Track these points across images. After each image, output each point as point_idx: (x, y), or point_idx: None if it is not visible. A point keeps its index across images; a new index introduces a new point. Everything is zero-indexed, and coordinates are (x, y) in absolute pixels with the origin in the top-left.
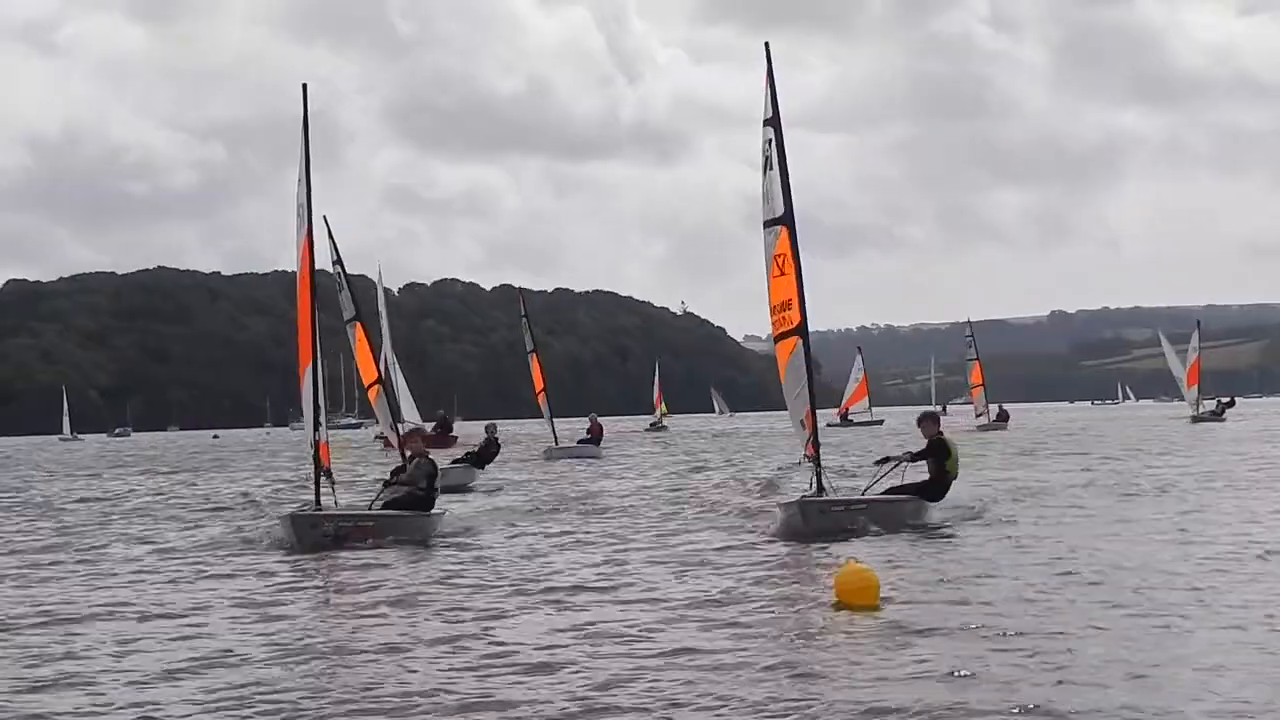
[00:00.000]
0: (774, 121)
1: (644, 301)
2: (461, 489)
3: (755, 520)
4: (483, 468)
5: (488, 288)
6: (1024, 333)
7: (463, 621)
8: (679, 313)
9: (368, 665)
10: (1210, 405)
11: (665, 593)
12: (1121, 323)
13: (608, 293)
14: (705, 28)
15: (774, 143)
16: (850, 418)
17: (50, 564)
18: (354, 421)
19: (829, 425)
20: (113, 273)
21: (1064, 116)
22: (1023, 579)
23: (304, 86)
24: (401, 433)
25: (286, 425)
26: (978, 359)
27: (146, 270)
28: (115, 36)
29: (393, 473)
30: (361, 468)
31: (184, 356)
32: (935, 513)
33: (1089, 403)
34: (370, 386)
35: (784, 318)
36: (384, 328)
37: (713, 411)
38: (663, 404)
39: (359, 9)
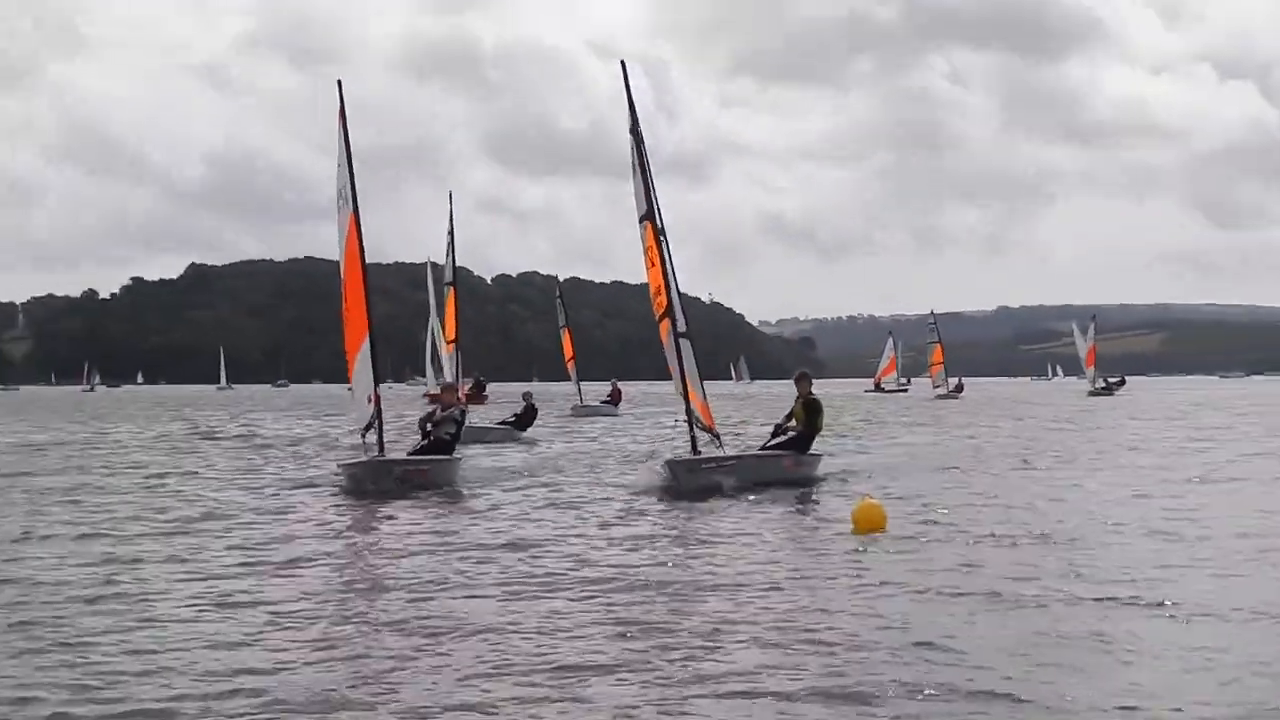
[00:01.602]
0: (635, 131)
1: (681, 293)
2: (502, 446)
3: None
4: (524, 430)
5: (560, 278)
6: (976, 323)
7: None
8: (708, 302)
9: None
10: (1101, 383)
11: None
12: (1052, 317)
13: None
14: (729, 80)
15: (635, 149)
16: (883, 386)
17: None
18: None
19: (865, 391)
20: (272, 260)
21: (1007, 152)
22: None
23: (339, 83)
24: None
25: (404, 381)
26: (939, 342)
27: (297, 259)
28: (276, 76)
29: (422, 420)
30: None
31: (324, 328)
32: (818, 467)
33: (1028, 379)
34: (450, 343)
35: (658, 302)
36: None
37: (731, 379)
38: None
39: (462, 60)
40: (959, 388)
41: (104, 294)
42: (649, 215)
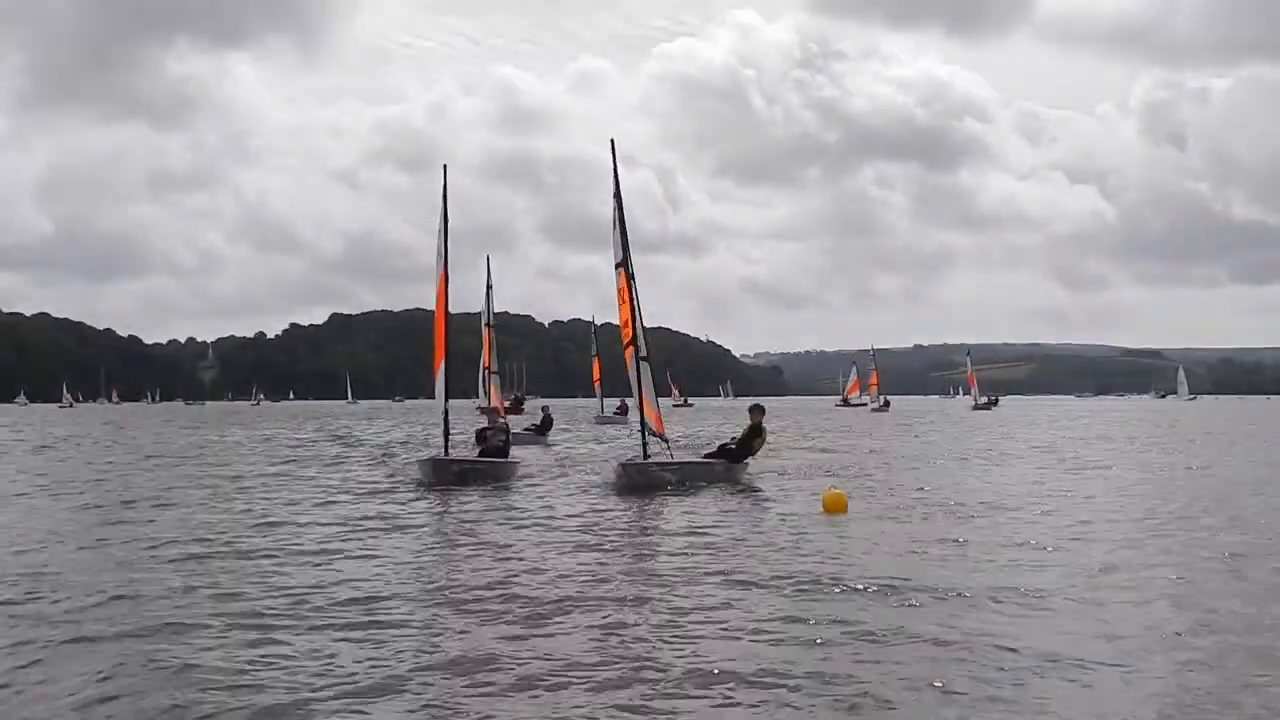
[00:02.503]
0: (616, 195)
1: (684, 333)
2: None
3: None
4: (544, 434)
5: (599, 323)
6: (898, 356)
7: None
8: (704, 341)
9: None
10: (983, 400)
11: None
12: (953, 352)
13: (664, 328)
14: (716, 181)
15: (616, 210)
16: (849, 402)
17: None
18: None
19: (835, 406)
20: (390, 310)
21: (918, 235)
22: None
23: (444, 167)
24: (490, 405)
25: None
26: (876, 369)
27: (409, 309)
28: (391, 178)
29: (477, 432)
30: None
31: (429, 359)
32: (743, 473)
33: (936, 397)
34: (489, 370)
35: (625, 333)
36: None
37: (720, 396)
38: (676, 391)
39: (525, 167)
40: (886, 404)
41: (270, 335)
42: (623, 263)
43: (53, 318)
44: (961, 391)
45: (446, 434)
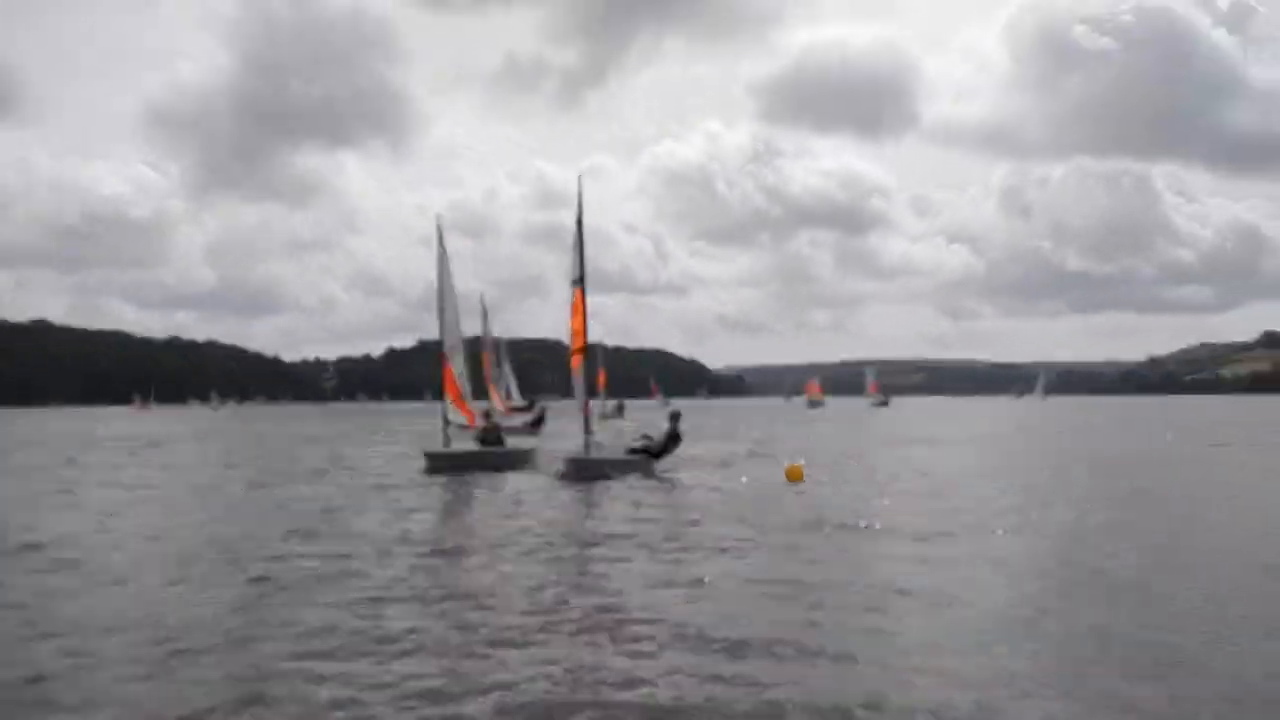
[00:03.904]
0: (579, 221)
1: (671, 352)
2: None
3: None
4: (536, 429)
5: (608, 345)
6: (830, 368)
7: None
8: (687, 358)
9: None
10: (880, 400)
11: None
12: (868, 365)
13: (658, 349)
14: (695, 242)
15: (577, 233)
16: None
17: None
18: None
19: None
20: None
21: (840, 284)
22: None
23: (437, 217)
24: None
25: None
26: (816, 382)
27: (468, 337)
28: (455, 241)
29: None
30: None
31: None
32: (658, 467)
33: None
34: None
35: (576, 343)
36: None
37: (695, 398)
38: (660, 393)
39: (554, 233)
40: (819, 403)
41: (374, 355)
42: (580, 280)
43: (218, 344)
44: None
45: (445, 430)
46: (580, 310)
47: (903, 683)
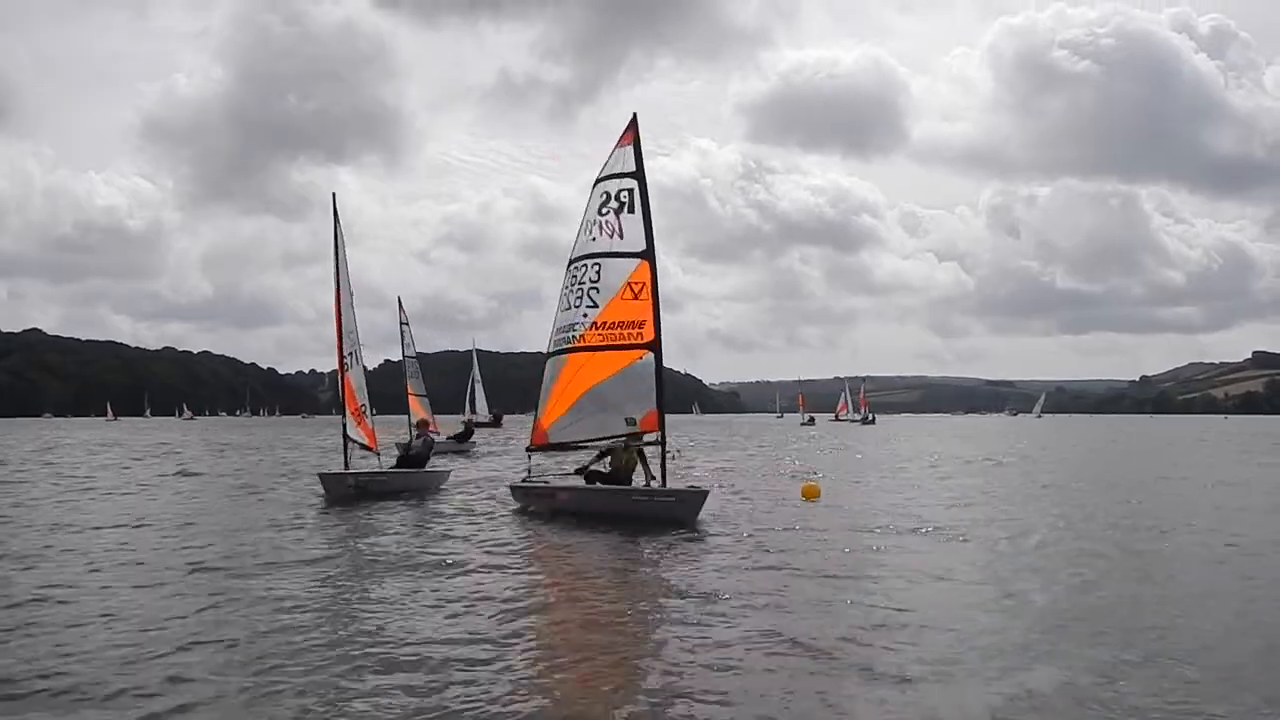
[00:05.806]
0: (638, 175)
1: (669, 368)
2: (456, 454)
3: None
4: (464, 442)
5: None
6: (822, 384)
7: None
8: (683, 373)
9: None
10: (869, 417)
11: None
12: (862, 382)
13: None
14: (688, 258)
15: (635, 192)
16: (840, 418)
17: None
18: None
19: (830, 421)
20: (455, 350)
21: (832, 299)
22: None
23: (333, 195)
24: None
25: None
26: (801, 396)
27: (467, 350)
28: (453, 255)
29: (400, 446)
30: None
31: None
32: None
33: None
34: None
35: (638, 334)
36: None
37: (692, 413)
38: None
39: (550, 247)
40: (811, 420)
41: (369, 368)
42: (647, 255)
43: (213, 354)
44: (853, 409)
45: (345, 451)
46: (649, 294)
47: None
